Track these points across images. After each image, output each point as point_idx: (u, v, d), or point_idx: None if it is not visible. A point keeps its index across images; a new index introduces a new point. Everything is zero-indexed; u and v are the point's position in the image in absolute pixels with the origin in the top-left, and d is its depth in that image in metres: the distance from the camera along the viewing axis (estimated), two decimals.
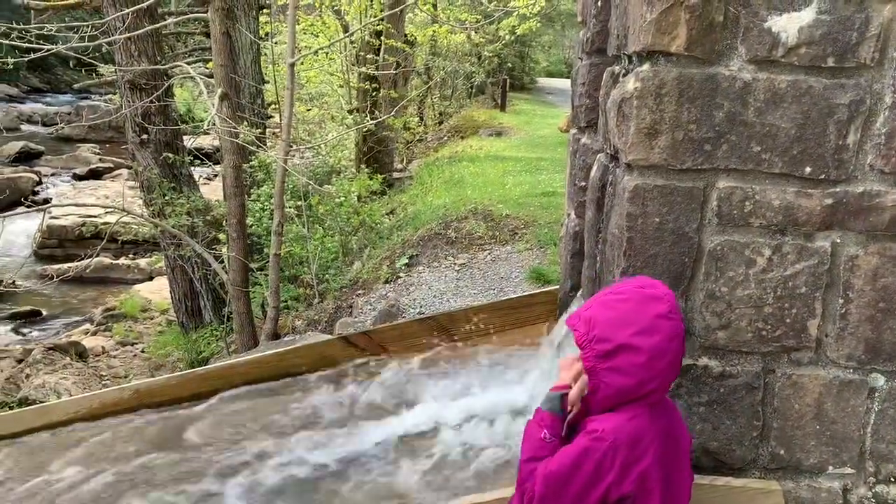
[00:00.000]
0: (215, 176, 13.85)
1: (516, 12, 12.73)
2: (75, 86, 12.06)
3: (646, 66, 1.81)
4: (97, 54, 8.54)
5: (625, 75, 1.95)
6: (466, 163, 10.34)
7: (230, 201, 5.46)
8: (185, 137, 8.05)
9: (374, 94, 10.58)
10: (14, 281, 9.70)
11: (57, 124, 17.71)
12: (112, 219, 11.14)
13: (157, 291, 9.74)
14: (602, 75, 2.31)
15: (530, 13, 12.62)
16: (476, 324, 3.58)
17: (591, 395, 1.59)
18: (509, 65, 19.50)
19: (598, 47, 2.58)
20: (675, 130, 1.80)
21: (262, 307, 6.55)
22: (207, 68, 8.90)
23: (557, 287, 3.58)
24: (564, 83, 24.29)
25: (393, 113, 8.53)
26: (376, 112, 10.02)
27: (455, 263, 5.63)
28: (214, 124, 5.05)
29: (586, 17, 2.72)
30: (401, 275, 5.73)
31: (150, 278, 10.55)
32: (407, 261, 5.94)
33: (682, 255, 1.87)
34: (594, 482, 1.50)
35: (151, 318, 9.12)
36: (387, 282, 5.74)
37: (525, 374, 3.07)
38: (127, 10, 6.06)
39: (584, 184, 2.65)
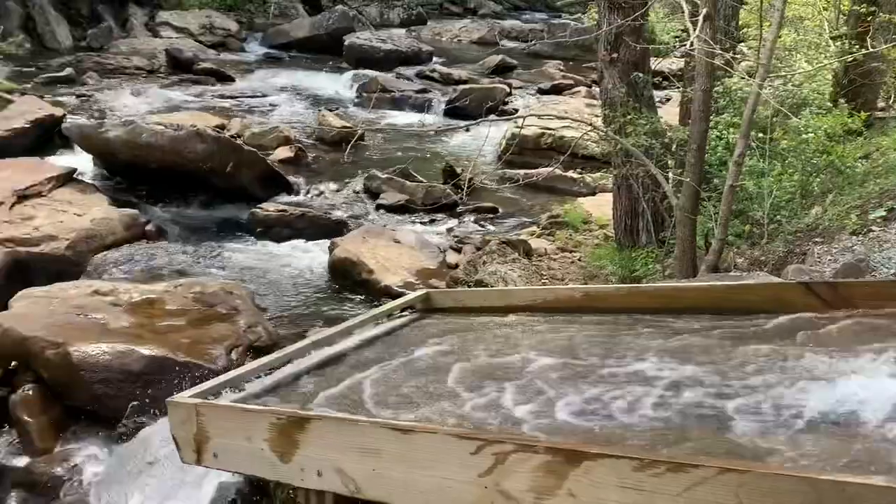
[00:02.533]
0: (667, 100, 13.71)
1: None
2: (559, 3, 12.83)
3: None
4: None
5: None
6: None
7: (694, 126, 5.34)
8: (651, 59, 8.05)
9: (869, 18, 9.17)
10: (482, 180, 11.09)
11: (530, 41, 19.30)
12: (568, 133, 11.90)
13: (598, 206, 10.17)
14: None
15: None
16: None
17: None
18: None
19: None
20: None
21: (704, 237, 6.40)
22: None
23: None
24: None
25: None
26: (868, 40, 8.69)
27: None
28: (692, 45, 4.91)
29: None
30: (874, 228, 5.02)
31: (594, 193, 11.05)
32: (884, 213, 5.17)
33: None
34: None
35: (590, 231, 9.62)
36: (854, 233, 5.09)
37: None
38: None
39: None
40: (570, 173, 11.71)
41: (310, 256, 8.42)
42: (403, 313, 4.15)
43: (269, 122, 12.83)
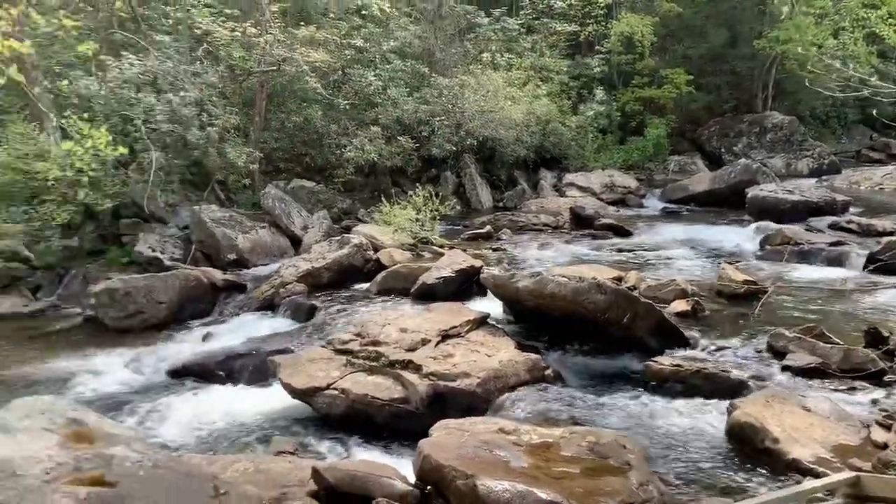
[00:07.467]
0: None
1: None
2: None
3: None
4: None
5: None
6: None
7: None
8: None
9: None
10: None
11: None
12: None
13: None
14: None
15: None
16: None
17: None
18: None
19: None
20: None
21: None
22: None
23: None
24: None
25: None
26: None
27: None
28: None
29: None
30: None
31: None
32: None
33: None
34: None
35: None
36: None
37: None
38: None
39: None
40: None
41: (705, 416, 7.94)
42: (824, 496, 3.63)
43: (665, 275, 12.84)
